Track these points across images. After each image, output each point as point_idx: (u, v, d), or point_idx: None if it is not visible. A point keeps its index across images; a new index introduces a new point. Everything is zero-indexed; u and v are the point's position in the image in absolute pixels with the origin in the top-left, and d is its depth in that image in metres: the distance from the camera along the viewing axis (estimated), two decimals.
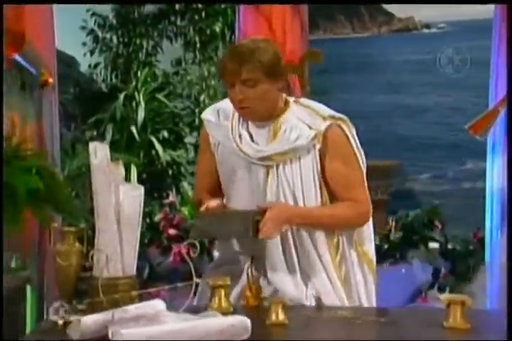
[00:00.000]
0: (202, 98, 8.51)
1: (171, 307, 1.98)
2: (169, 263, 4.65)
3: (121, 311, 1.88)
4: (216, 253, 3.72)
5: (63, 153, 4.73)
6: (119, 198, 2.10)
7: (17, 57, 3.59)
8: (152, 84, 8.17)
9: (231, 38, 8.50)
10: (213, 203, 2.43)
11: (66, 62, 7.77)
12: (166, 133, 8.08)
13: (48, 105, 3.82)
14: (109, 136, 7.63)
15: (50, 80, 3.73)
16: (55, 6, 3.81)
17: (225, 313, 1.98)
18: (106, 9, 8.28)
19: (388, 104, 8.57)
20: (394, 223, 4.98)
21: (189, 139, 8.27)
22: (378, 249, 5.16)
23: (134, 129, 7.81)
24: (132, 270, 2.11)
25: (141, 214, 2.15)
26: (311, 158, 2.37)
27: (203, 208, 2.41)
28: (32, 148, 3.32)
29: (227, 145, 2.47)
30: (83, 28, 8.21)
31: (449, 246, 4.84)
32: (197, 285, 2.17)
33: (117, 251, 2.07)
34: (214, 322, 1.81)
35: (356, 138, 2.44)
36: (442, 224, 4.93)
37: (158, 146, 7.85)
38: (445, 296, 2.08)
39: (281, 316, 2.04)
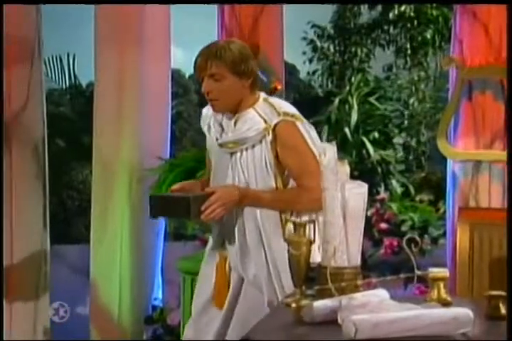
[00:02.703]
0: (411, 101, 8.43)
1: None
2: (380, 255, 4.63)
3: (348, 298, 1.91)
4: None
5: None
6: (344, 195, 2.13)
7: None
8: (364, 88, 8.19)
9: (441, 44, 8.31)
10: (178, 185, 2.58)
11: (288, 70, 8.00)
12: (376, 134, 8.08)
13: None
14: (324, 137, 7.75)
15: (279, 87, 3.83)
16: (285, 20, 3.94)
17: (444, 305, 1.95)
18: (324, 20, 8.42)
19: None
20: None
21: (398, 139, 8.21)
22: None
23: (347, 130, 7.88)
24: (356, 261, 2.12)
25: (364, 209, 2.16)
26: (262, 148, 2.47)
27: (172, 188, 2.59)
28: None
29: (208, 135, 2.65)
30: (304, 38, 8.42)
31: None
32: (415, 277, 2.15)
33: (343, 243, 2.10)
34: (439, 312, 1.78)
35: (312, 133, 2.52)
36: None
37: (369, 146, 7.87)
38: None
39: (503, 310, 1.97)
